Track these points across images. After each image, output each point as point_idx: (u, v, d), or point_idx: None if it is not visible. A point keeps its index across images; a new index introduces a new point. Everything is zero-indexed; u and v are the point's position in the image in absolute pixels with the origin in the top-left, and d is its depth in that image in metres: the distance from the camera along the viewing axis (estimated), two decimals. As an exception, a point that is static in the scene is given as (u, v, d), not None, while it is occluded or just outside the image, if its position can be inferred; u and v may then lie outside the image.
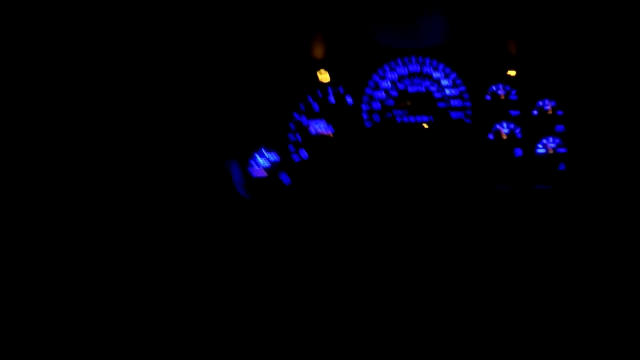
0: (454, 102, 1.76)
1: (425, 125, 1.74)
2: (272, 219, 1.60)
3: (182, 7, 1.40)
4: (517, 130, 1.81)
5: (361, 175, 1.71)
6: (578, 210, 1.70)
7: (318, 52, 1.72)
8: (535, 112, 1.83)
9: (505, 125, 1.80)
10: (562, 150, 1.85)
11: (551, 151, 1.84)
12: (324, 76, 1.70)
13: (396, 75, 1.74)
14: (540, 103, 1.83)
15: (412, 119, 1.74)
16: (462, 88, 1.77)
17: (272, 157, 1.67)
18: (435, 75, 1.75)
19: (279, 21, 1.61)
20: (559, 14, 1.72)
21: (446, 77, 1.76)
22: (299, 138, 1.67)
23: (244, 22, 1.58)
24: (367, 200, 1.67)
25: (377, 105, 1.72)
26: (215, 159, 1.57)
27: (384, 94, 1.73)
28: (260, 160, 1.65)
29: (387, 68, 1.72)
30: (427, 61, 1.74)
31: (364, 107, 1.71)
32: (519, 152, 1.82)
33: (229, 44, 1.59)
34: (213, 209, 1.51)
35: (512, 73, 1.80)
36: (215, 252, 1.41)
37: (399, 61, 1.73)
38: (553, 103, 1.84)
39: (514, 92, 1.81)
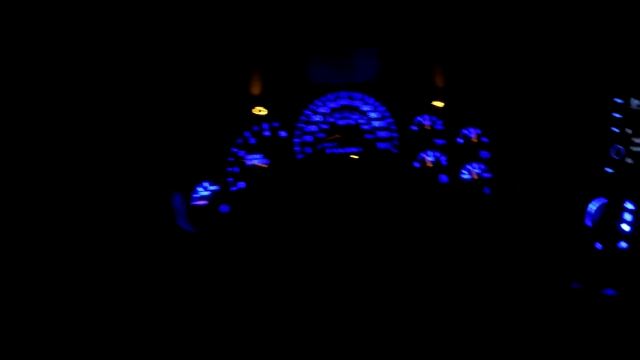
0: (381, 134, 1.89)
1: (354, 156, 1.88)
2: (212, 246, 1.74)
3: (125, 39, 1.53)
4: (443, 158, 1.94)
5: (294, 203, 1.84)
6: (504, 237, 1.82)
7: (255, 88, 1.86)
8: (460, 140, 1.95)
9: (430, 153, 1.93)
10: (487, 175, 1.97)
11: (476, 176, 1.96)
12: (260, 111, 1.83)
13: (327, 109, 1.87)
14: (465, 131, 1.95)
15: (341, 150, 1.87)
16: (390, 120, 1.89)
17: (212, 187, 1.81)
18: (364, 108, 1.88)
19: (220, 60, 1.75)
20: (483, 47, 1.84)
21: (374, 109, 1.89)
22: (237, 169, 1.82)
23: (186, 60, 1.71)
24: (300, 225, 1.81)
25: (308, 138, 1.86)
26: (159, 191, 1.71)
27: (315, 127, 1.87)
28: (201, 190, 1.80)
29: (318, 103, 1.86)
30: (357, 95, 1.87)
31: (296, 140, 1.85)
32: (444, 178, 1.94)
33: (172, 80, 1.73)
34: (156, 239, 1.65)
35: (438, 104, 1.93)
36: (158, 279, 1.54)
37: (330, 96, 1.86)
38: (478, 131, 1.96)
39: (439, 122, 1.93)
